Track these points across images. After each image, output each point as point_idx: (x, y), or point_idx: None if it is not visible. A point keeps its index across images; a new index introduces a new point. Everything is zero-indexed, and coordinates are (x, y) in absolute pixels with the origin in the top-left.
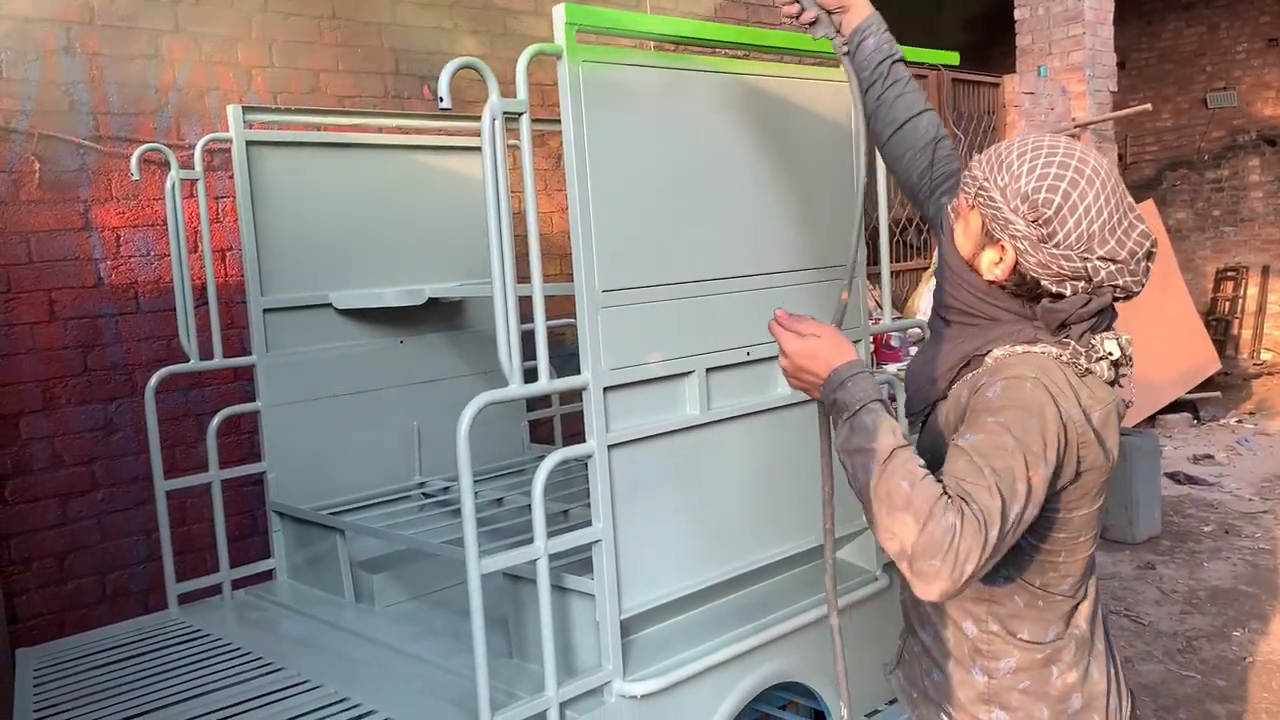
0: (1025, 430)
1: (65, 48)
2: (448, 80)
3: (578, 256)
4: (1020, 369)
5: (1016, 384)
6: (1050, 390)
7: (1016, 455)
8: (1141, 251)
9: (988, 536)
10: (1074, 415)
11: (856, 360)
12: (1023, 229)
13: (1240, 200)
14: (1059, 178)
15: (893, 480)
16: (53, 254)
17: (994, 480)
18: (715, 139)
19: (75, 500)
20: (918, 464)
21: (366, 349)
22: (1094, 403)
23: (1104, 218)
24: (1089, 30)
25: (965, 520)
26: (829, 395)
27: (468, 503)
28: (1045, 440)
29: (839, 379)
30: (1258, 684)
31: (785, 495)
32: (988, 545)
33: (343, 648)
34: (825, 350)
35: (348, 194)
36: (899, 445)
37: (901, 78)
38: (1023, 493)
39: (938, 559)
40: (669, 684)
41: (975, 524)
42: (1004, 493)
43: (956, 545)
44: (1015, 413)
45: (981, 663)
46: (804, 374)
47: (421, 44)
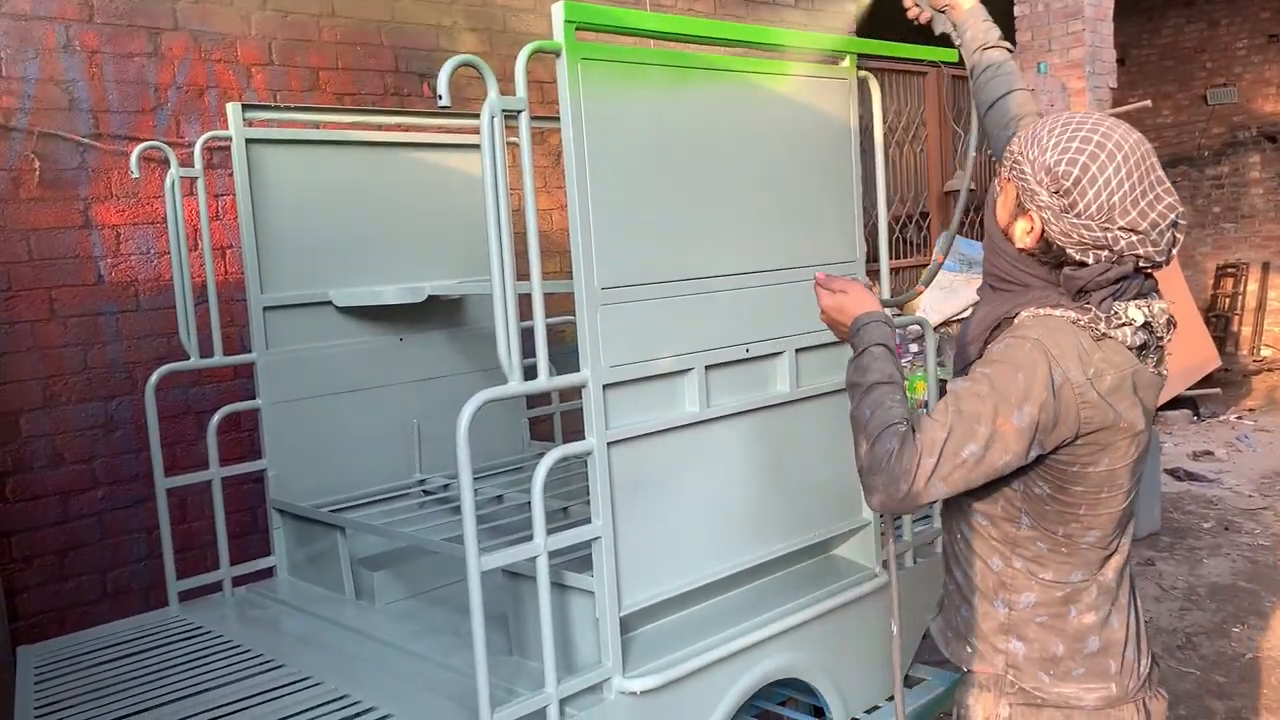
0: (1006, 382)
1: (65, 45)
2: (447, 78)
3: (577, 254)
4: (1028, 330)
5: (1018, 343)
6: (1051, 352)
7: (986, 401)
8: (1165, 223)
9: (921, 462)
10: (1073, 377)
11: (875, 310)
12: (1046, 199)
13: (1240, 197)
14: (1079, 151)
15: (861, 408)
16: (53, 252)
17: (953, 419)
18: (715, 136)
19: (76, 498)
20: (891, 398)
21: (366, 346)
22: (1106, 366)
23: (1124, 190)
24: (1089, 26)
25: (904, 445)
26: (851, 339)
27: (467, 500)
28: (1027, 394)
29: (857, 326)
30: (1257, 680)
31: (784, 492)
32: (919, 469)
33: (343, 645)
34: (850, 303)
35: (347, 192)
36: (881, 381)
37: (995, 61)
38: (983, 434)
39: (877, 475)
40: (668, 681)
41: (912, 449)
42: (956, 429)
43: (891, 465)
44: (1003, 367)
45: (1004, 595)
46: (836, 325)
47: (421, 41)
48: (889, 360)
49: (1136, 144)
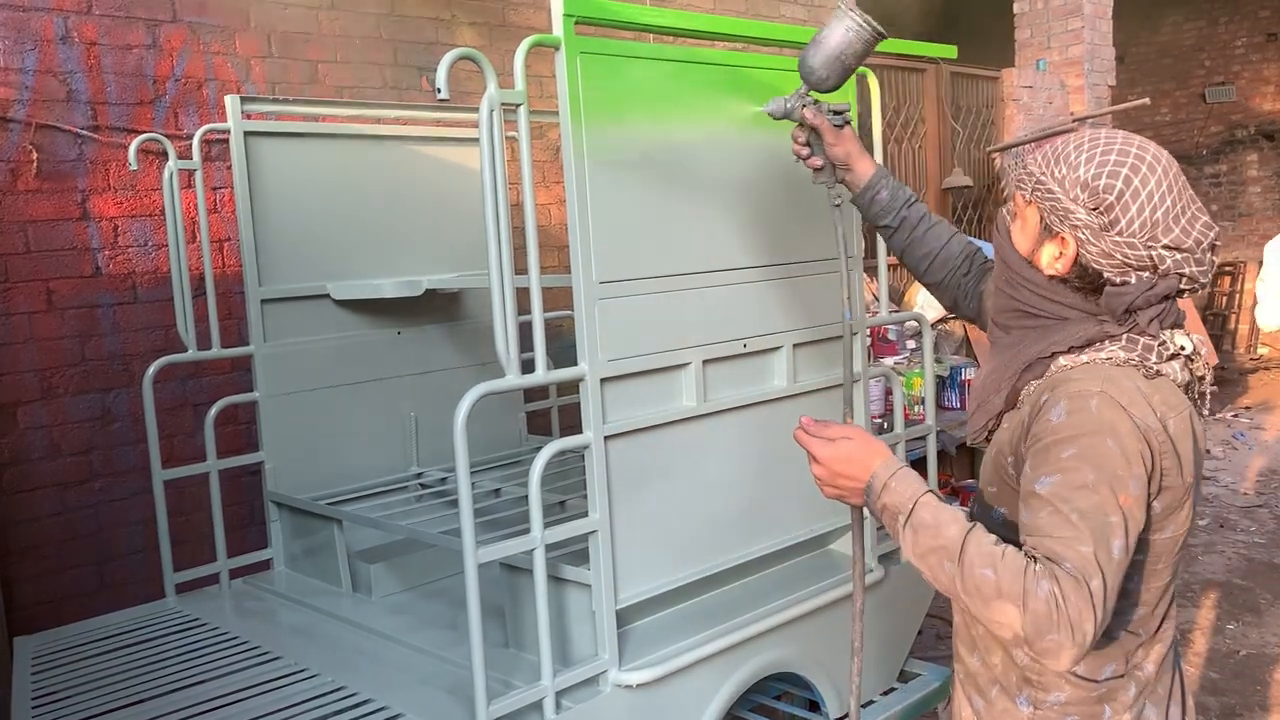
0: (1102, 456)
1: (63, 37)
2: (446, 71)
3: (575, 248)
4: (1083, 383)
5: (1081, 403)
6: (1120, 401)
7: (1100, 488)
8: (1206, 241)
9: (1091, 589)
10: (1150, 423)
11: (892, 457)
12: (1083, 218)
13: (1238, 195)
14: (1119, 164)
15: (975, 572)
16: (50, 244)
17: (1082, 526)
18: (713, 130)
19: (73, 489)
20: (992, 542)
21: (364, 340)
22: (1168, 409)
23: (1167, 204)
24: (1088, 24)
25: (1062, 583)
26: (875, 501)
27: (465, 493)
28: (1127, 458)
29: (881, 481)
30: (1251, 677)
31: (781, 487)
32: (1095, 597)
33: (340, 637)
34: (859, 452)
35: (346, 185)
36: (967, 532)
37: (923, 214)
38: (1118, 524)
39: (1054, 633)
40: (664, 674)
41: (1073, 582)
42: (1095, 535)
43: (1065, 611)
44: (1087, 440)
45: (1029, 692)
46: (841, 479)
47: (420, 35)
48: (946, 505)
49: (1171, 160)
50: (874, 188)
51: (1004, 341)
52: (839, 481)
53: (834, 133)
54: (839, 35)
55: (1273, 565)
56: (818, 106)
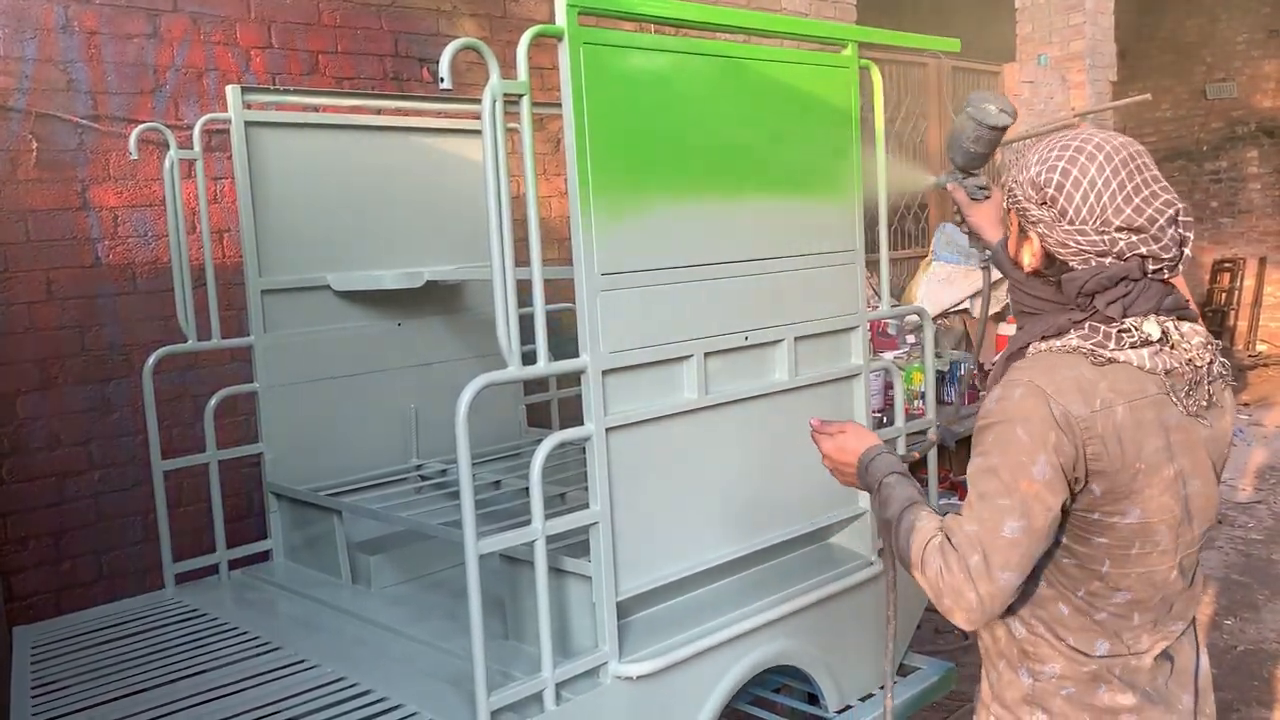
0: (1009, 443)
1: (63, 26)
2: (449, 61)
3: (577, 240)
4: (1021, 373)
5: (1008, 390)
6: (1046, 389)
7: (1000, 473)
8: (1163, 219)
9: (970, 565)
10: (1076, 411)
11: (877, 443)
12: (1037, 213)
13: (1238, 192)
14: (1059, 158)
15: (901, 541)
16: (50, 233)
17: (978, 506)
18: (715, 122)
19: (72, 480)
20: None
21: (364, 331)
22: (1115, 396)
23: (1112, 189)
24: (1089, 19)
25: (946, 556)
26: (862, 481)
27: (466, 484)
28: (1036, 444)
29: (864, 464)
30: (1248, 672)
31: (782, 479)
32: (973, 571)
33: (339, 628)
34: (850, 441)
35: (346, 176)
36: (904, 507)
37: None
38: (1012, 507)
39: (945, 598)
40: (664, 666)
41: (955, 556)
42: (985, 515)
43: (949, 581)
44: (1000, 427)
45: (1027, 664)
46: (842, 467)
47: (421, 26)
48: (906, 484)
49: (1121, 145)
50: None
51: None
52: (842, 469)
53: (969, 204)
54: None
55: (1271, 561)
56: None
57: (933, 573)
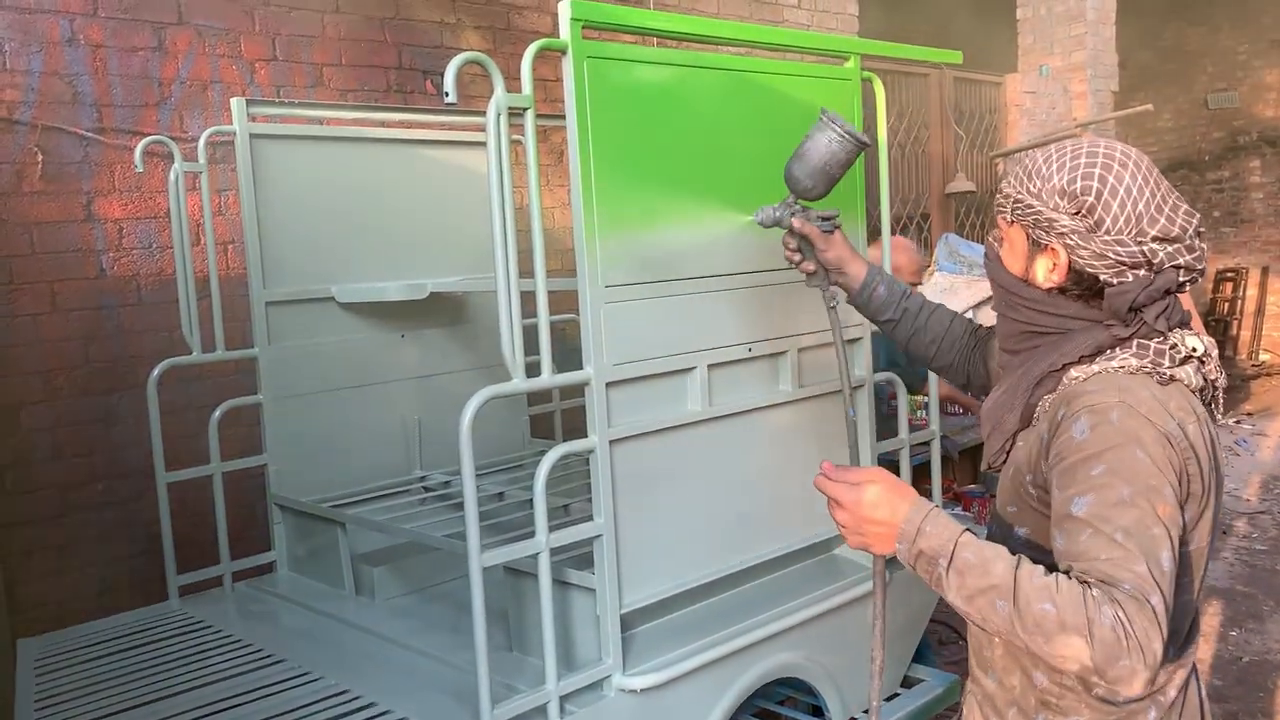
0: (1133, 469)
1: (69, 39)
2: (454, 75)
3: (580, 252)
4: (1100, 395)
5: (1102, 416)
6: (1140, 410)
7: (1139, 501)
8: (1191, 228)
9: (1154, 607)
10: (1172, 430)
11: (921, 498)
12: (1069, 224)
13: (1240, 201)
14: (1090, 165)
15: (1034, 608)
16: (55, 245)
17: (1129, 544)
18: (719, 135)
19: (76, 491)
20: (1042, 574)
21: (368, 343)
22: (1185, 415)
23: (1147, 196)
24: (1091, 30)
25: (1125, 606)
26: (909, 548)
27: (470, 496)
28: (1158, 466)
29: (914, 526)
30: (1253, 684)
31: (786, 491)
32: (1158, 614)
33: (343, 640)
34: (886, 496)
35: (350, 188)
36: (1015, 568)
37: (921, 303)
38: (1163, 536)
39: (1124, 659)
40: (669, 679)
41: (1136, 603)
42: (1144, 551)
43: (1134, 634)
44: (1114, 453)
45: (1046, 715)
46: (868, 525)
47: (425, 38)
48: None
49: (1142, 155)
50: (870, 285)
51: (1013, 364)
52: (866, 529)
53: (824, 238)
54: (822, 146)
55: (1275, 572)
56: (806, 214)
57: (1108, 631)
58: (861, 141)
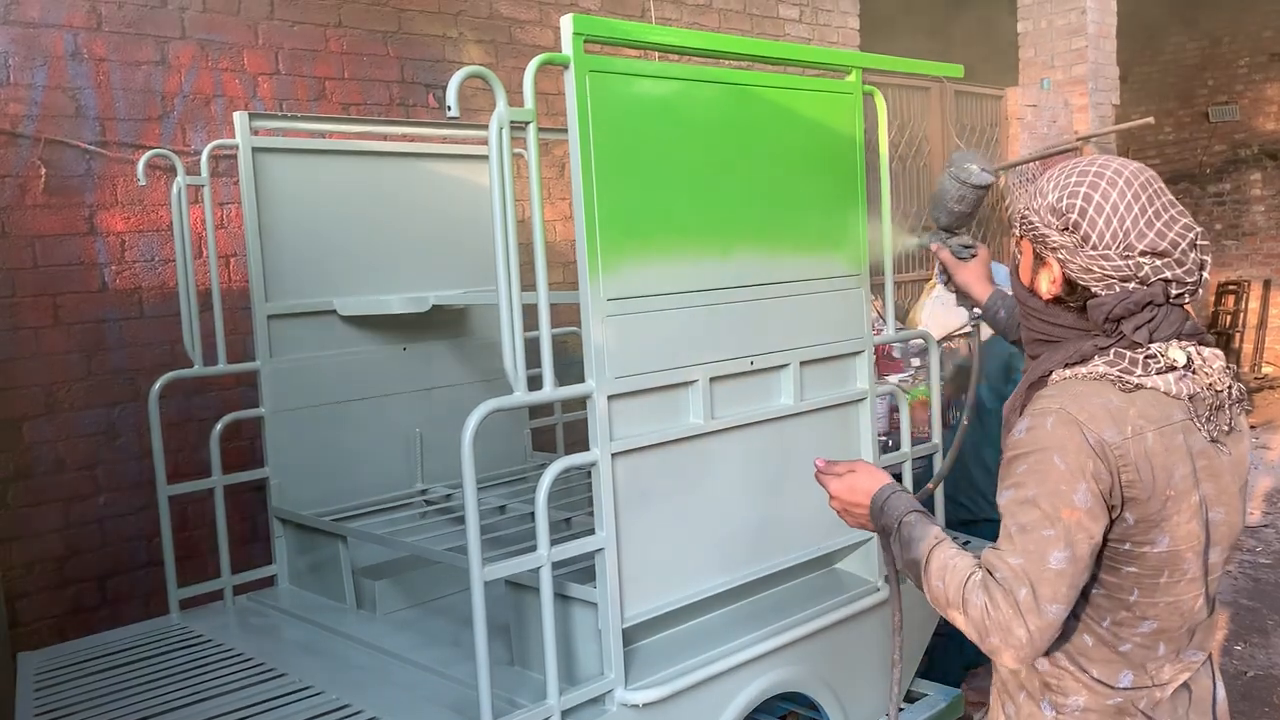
0: (1046, 472)
1: (72, 53)
2: (456, 89)
3: (582, 265)
4: (1048, 400)
5: (1039, 419)
6: (1078, 417)
7: (1041, 503)
8: (1185, 242)
9: (1019, 599)
10: (1109, 438)
11: (889, 482)
12: (1058, 239)
13: (1242, 214)
14: (1078, 184)
15: (933, 582)
16: (58, 259)
17: (1018, 539)
18: (720, 149)
19: (77, 504)
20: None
21: (370, 356)
22: (1145, 423)
23: (1134, 213)
24: (1091, 43)
25: (991, 592)
26: (877, 523)
27: (471, 510)
28: (1074, 473)
29: (878, 505)
30: (1259, 699)
31: (788, 505)
32: (1021, 605)
33: (344, 654)
34: (861, 481)
35: (353, 201)
36: (933, 545)
37: None
38: (1056, 538)
39: (991, 637)
40: (671, 693)
41: (1002, 592)
42: (1028, 548)
43: (995, 618)
44: (1034, 457)
45: (1050, 697)
46: (853, 508)
47: (427, 52)
48: (927, 522)
49: (1138, 171)
50: (992, 309)
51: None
52: (852, 510)
53: (955, 264)
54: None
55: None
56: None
57: (977, 611)
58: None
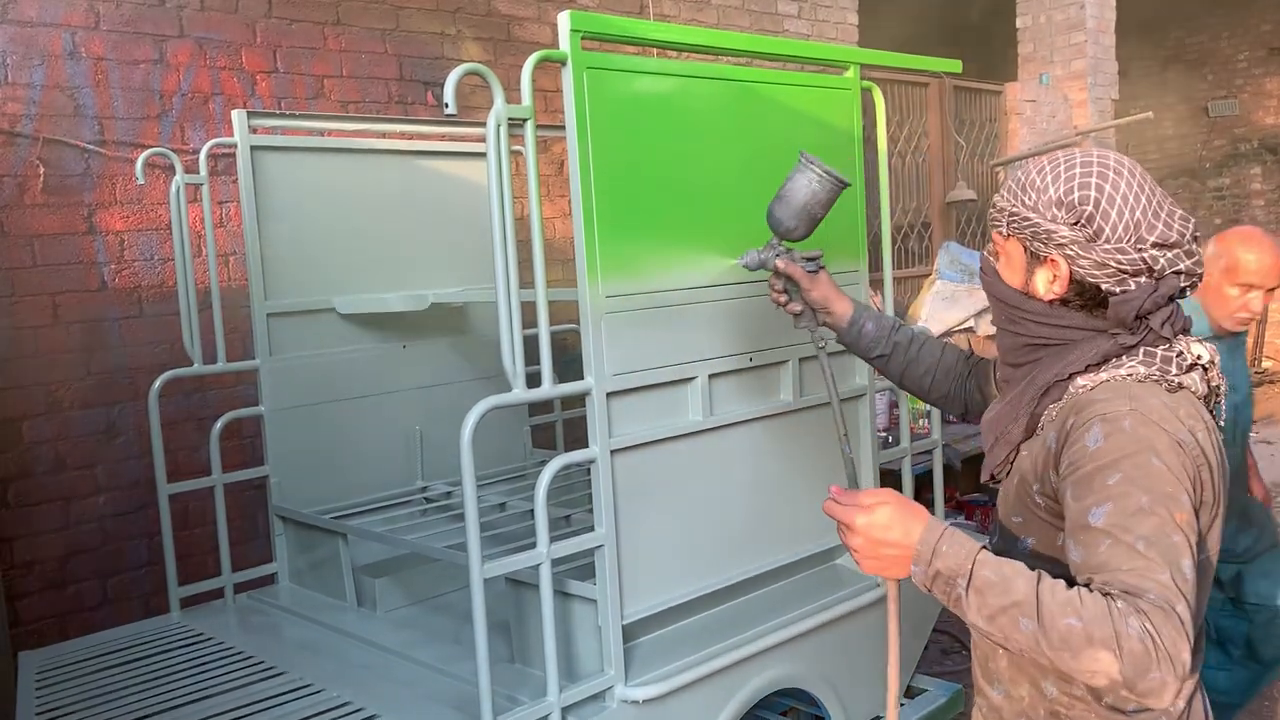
0: (1150, 476)
1: (71, 52)
2: (453, 86)
3: (581, 262)
4: (1111, 404)
5: (1115, 425)
6: (1151, 417)
7: (1157, 509)
8: (1188, 234)
9: (1180, 616)
10: (1184, 437)
11: (933, 519)
12: (1068, 234)
13: (1242, 209)
14: (1086, 174)
15: (1059, 624)
16: (57, 258)
17: (1150, 553)
18: (718, 145)
19: (78, 504)
20: (1064, 588)
21: (369, 354)
22: (1194, 423)
23: (1144, 203)
24: (1091, 38)
25: (1151, 616)
26: (925, 569)
27: (471, 507)
28: (1174, 474)
29: (929, 547)
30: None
31: (787, 501)
32: (1185, 623)
33: (344, 652)
34: (899, 518)
35: (351, 199)
36: (1037, 583)
37: (911, 335)
38: (1183, 544)
39: (1154, 671)
40: (671, 689)
41: (1162, 613)
42: (1166, 560)
43: (1162, 645)
44: (1130, 461)
45: None
46: (883, 548)
47: (425, 50)
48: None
49: (1134, 163)
50: (858, 322)
51: (1015, 377)
52: (880, 552)
53: (809, 279)
54: (802, 187)
55: None
56: (790, 255)
57: (1136, 643)
58: (841, 181)
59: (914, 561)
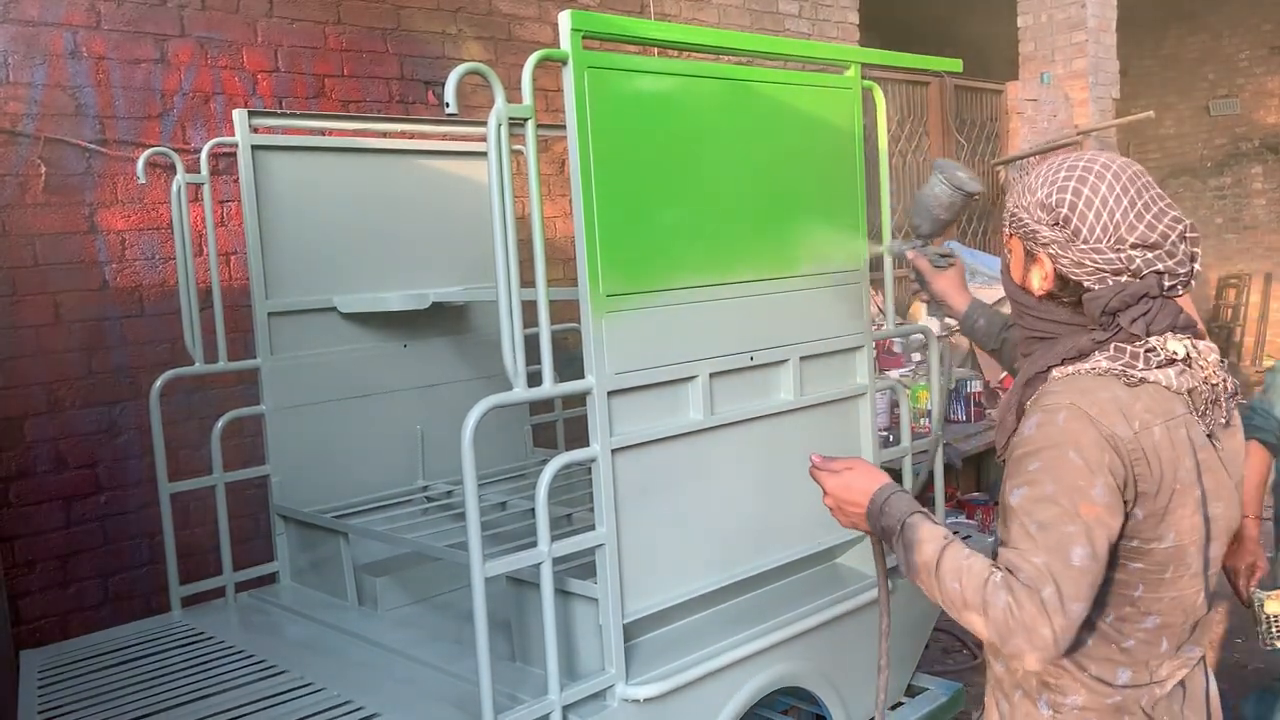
0: (1063, 468)
1: (72, 51)
2: (454, 85)
3: (581, 261)
4: (1056, 396)
5: (1050, 415)
6: (1089, 412)
7: (1060, 499)
8: (1175, 235)
9: (1043, 598)
10: (1120, 433)
11: (888, 482)
12: (1049, 234)
13: (1243, 208)
14: (1067, 179)
15: (947, 584)
16: (58, 257)
17: (1039, 537)
18: (719, 144)
19: (79, 503)
20: (964, 556)
21: (370, 353)
22: (1151, 417)
23: (1124, 206)
24: (1092, 38)
25: (1016, 593)
26: (876, 525)
27: (472, 506)
28: (1090, 468)
29: (878, 505)
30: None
31: (789, 500)
32: (1047, 604)
33: (346, 651)
34: (858, 479)
35: (352, 198)
36: (943, 546)
37: None
38: (1078, 533)
39: (1015, 638)
40: (672, 688)
41: (1026, 591)
42: (1050, 546)
43: (1020, 619)
44: (1050, 452)
45: (1048, 696)
46: (848, 506)
47: (426, 49)
48: (931, 522)
49: (1125, 165)
50: (971, 317)
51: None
52: (847, 509)
53: (933, 272)
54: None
55: None
56: (924, 250)
57: (1000, 612)
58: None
59: (868, 517)
